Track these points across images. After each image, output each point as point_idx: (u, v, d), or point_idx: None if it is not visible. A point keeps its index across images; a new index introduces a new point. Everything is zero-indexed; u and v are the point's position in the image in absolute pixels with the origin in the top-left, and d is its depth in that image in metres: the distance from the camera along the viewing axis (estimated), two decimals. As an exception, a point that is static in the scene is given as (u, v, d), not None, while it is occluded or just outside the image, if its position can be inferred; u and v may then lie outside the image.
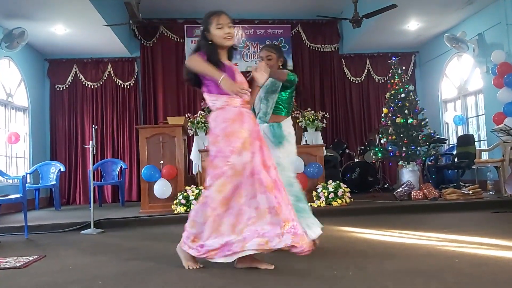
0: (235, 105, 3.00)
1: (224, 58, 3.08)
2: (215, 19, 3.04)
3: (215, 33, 3.02)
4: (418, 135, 7.29)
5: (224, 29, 3.01)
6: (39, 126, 9.25)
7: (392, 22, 8.63)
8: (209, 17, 3.08)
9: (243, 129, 2.96)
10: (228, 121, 2.96)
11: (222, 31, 3.01)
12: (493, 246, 3.39)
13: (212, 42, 3.03)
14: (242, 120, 2.98)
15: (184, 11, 9.74)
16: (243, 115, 3.01)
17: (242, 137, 2.94)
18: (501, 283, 2.39)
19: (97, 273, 3.06)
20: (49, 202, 8.98)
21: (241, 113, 3.01)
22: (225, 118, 2.97)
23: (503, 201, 6.20)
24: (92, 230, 5.21)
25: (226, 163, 2.91)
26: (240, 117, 2.99)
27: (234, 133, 2.94)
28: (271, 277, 2.73)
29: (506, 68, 7.38)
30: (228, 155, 2.91)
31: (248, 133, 2.97)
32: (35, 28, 7.75)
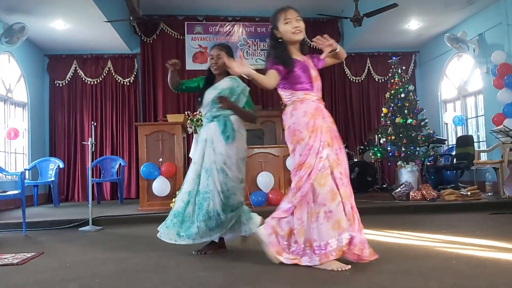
0: (312, 99, 2.98)
1: (296, 54, 3.04)
2: (282, 14, 3.01)
3: (284, 28, 3.00)
4: (417, 136, 7.29)
5: (292, 23, 2.98)
6: (38, 122, 9.24)
7: (392, 21, 8.63)
8: (276, 14, 3.06)
9: (325, 124, 2.95)
10: (308, 115, 2.92)
11: (290, 26, 2.98)
12: (491, 248, 3.40)
13: (282, 39, 3.01)
14: (323, 114, 2.97)
15: (184, 8, 9.74)
16: (321, 110, 3.00)
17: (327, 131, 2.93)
18: (499, 285, 2.39)
19: (95, 270, 3.06)
20: (47, 199, 8.98)
21: (319, 108, 2.99)
22: (305, 112, 2.92)
23: (502, 203, 6.20)
24: (91, 227, 5.21)
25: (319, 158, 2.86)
26: (318, 112, 2.96)
27: (311, 127, 2.90)
28: (269, 276, 2.73)
29: (506, 69, 7.37)
30: (320, 150, 2.87)
31: (328, 128, 2.97)
32: (35, 23, 7.74)
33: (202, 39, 9.94)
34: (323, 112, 2.99)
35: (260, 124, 8.38)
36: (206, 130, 3.52)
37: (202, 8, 9.78)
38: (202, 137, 3.53)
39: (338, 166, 2.90)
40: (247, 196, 6.58)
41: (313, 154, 2.87)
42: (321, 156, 2.86)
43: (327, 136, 2.92)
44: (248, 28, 10.10)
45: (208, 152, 3.45)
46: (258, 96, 10.06)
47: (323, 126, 2.92)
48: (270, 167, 6.77)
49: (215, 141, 3.45)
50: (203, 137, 3.52)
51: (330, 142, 2.92)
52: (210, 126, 3.51)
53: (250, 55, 10.04)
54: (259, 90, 10.06)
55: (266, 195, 6.59)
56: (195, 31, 9.93)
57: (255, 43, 10.08)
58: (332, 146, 2.93)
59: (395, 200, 6.84)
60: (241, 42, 10.02)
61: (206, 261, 3.28)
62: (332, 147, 2.93)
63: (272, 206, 6.44)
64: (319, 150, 2.87)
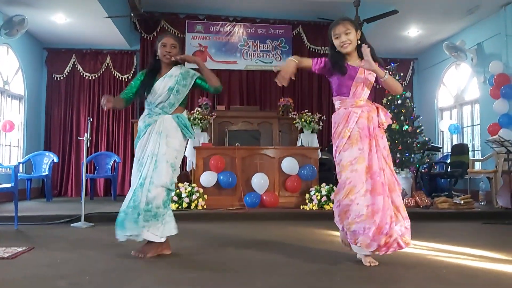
0: (345, 107, 3.27)
1: (352, 60, 3.31)
2: (332, 30, 3.30)
3: (334, 43, 3.29)
4: (412, 142, 7.31)
5: (340, 38, 3.25)
6: (35, 116, 9.21)
7: (392, 27, 8.66)
8: (330, 29, 3.33)
9: (347, 130, 3.20)
10: (335, 125, 3.29)
11: (338, 41, 3.26)
12: (483, 257, 3.41)
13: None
14: (348, 121, 3.22)
15: (186, 6, 9.73)
16: (347, 115, 3.23)
17: (346, 136, 3.19)
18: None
19: (86, 268, 3.05)
20: (40, 193, 8.95)
21: (347, 114, 3.24)
22: (334, 123, 3.31)
23: (494, 213, 6.23)
24: (82, 224, 5.20)
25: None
26: (344, 119, 3.24)
27: (338, 133, 3.25)
28: (260, 279, 2.73)
29: (503, 79, 7.40)
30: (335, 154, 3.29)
31: (357, 130, 3.19)
32: (35, 16, 7.72)
33: (202, 38, 9.94)
34: (349, 118, 3.22)
35: (257, 125, 8.39)
36: (161, 123, 3.42)
37: (203, 7, 9.78)
38: (156, 129, 3.42)
39: (350, 166, 3.15)
40: (241, 197, 6.59)
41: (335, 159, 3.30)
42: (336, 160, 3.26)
43: (344, 141, 3.19)
44: (249, 29, 10.10)
45: (158, 143, 3.38)
46: (256, 97, 10.07)
47: (343, 132, 3.21)
48: (266, 169, 6.78)
49: (170, 136, 3.41)
50: (158, 129, 3.41)
51: (354, 142, 3.18)
52: (165, 118, 3.44)
53: (250, 55, 10.04)
54: (257, 91, 10.08)
55: (260, 197, 6.59)
56: (195, 30, 9.92)
57: (255, 44, 10.08)
58: (356, 145, 3.17)
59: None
60: (241, 42, 10.02)
61: (197, 261, 3.27)
62: (355, 146, 3.17)
63: (266, 208, 6.46)
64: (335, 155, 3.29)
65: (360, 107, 3.23)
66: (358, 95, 3.25)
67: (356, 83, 3.24)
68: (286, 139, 8.55)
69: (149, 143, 3.42)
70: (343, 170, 3.15)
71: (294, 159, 6.79)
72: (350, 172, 3.12)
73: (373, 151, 3.15)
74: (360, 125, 3.19)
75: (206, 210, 6.21)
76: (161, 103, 3.48)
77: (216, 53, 9.96)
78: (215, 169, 6.61)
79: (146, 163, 3.38)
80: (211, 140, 8.24)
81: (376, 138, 3.19)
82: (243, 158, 6.79)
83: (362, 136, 3.16)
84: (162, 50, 3.49)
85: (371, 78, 3.27)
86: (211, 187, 6.59)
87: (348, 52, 3.28)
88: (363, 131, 3.17)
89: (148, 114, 3.52)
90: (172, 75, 3.50)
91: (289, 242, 4.07)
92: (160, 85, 3.48)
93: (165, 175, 3.36)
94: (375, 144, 3.17)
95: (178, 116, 3.48)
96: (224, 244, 4.04)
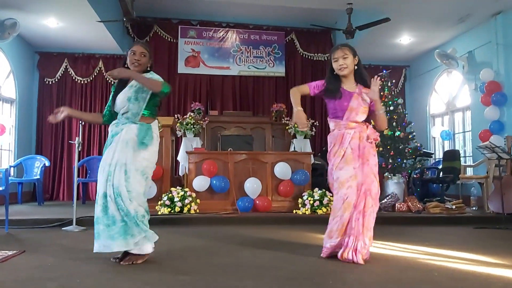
0: (339, 129, 3.51)
1: (348, 84, 3.55)
2: (332, 54, 3.56)
3: (333, 65, 3.54)
4: (404, 148, 7.35)
5: (338, 62, 3.50)
6: (26, 119, 9.16)
7: (384, 35, 8.73)
8: (330, 53, 3.61)
9: (342, 150, 3.45)
10: (331, 146, 3.54)
11: (337, 64, 3.51)
12: (473, 261, 3.43)
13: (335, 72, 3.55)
14: (342, 141, 3.47)
15: (179, 12, 9.75)
16: (341, 136, 3.48)
17: (340, 155, 3.44)
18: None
19: (76, 271, 3.03)
20: (32, 197, 8.88)
21: (340, 136, 3.49)
22: (330, 143, 3.56)
23: (486, 218, 6.27)
24: (74, 227, 5.16)
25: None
26: (339, 140, 3.48)
27: (333, 153, 3.50)
28: (250, 283, 2.73)
29: (494, 86, 7.48)
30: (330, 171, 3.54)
31: (350, 150, 3.44)
32: (27, 20, 7.70)
33: (195, 43, 9.96)
34: (343, 139, 3.46)
35: (249, 130, 8.40)
36: (126, 132, 3.37)
37: (196, 12, 9.80)
38: (122, 138, 3.37)
39: (346, 183, 3.40)
40: (234, 201, 6.58)
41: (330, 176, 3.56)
42: (332, 177, 3.51)
43: (338, 160, 3.45)
44: (242, 35, 10.14)
45: (125, 152, 3.33)
46: (249, 102, 10.09)
47: (339, 152, 3.46)
48: (258, 173, 6.78)
49: (138, 144, 3.36)
50: (124, 138, 3.36)
51: (347, 162, 3.43)
52: (131, 127, 3.39)
53: (243, 61, 10.07)
54: (250, 96, 10.10)
55: (253, 201, 6.58)
56: (188, 35, 9.94)
57: (248, 50, 10.12)
58: (349, 164, 3.42)
59: (381, 211, 6.84)
60: (234, 48, 10.05)
61: (189, 265, 3.26)
62: (349, 165, 3.42)
63: (258, 213, 6.46)
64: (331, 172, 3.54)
65: (352, 129, 3.48)
66: (352, 119, 3.50)
67: (351, 108, 3.48)
68: (279, 144, 8.57)
69: (116, 152, 3.36)
70: (341, 187, 3.40)
71: (287, 164, 6.80)
72: (346, 189, 3.38)
73: (364, 170, 3.43)
74: (353, 145, 3.45)
75: (199, 214, 6.19)
76: (124, 113, 3.44)
77: (209, 58, 9.98)
78: (207, 174, 6.60)
79: (115, 172, 3.31)
80: (204, 145, 8.24)
81: (368, 157, 3.45)
82: (235, 163, 6.79)
83: (355, 156, 3.44)
84: (131, 58, 3.45)
85: (365, 104, 3.52)
86: (203, 191, 6.58)
87: (345, 75, 3.52)
88: (355, 151, 3.44)
89: (116, 123, 3.48)
90: (132, 84, 3.43)
91: (281, 246, 4.06)
92: (121, 96, 3.44)
93: (138, 184, 3.33)
94: (366, 163, 3.44)
95: (142, 125, 3.41)
96: (216, 248, 4.03)
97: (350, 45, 3.62)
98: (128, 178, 3.30)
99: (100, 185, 3.38)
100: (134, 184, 3.31)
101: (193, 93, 9.94)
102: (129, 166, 3.32)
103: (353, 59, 3.52)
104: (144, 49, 3.50)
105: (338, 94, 3.50)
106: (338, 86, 3.53)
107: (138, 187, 3.33)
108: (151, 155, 3.45)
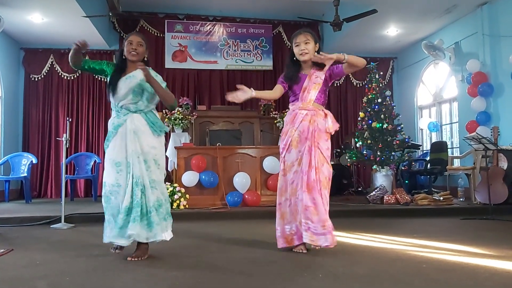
0: (293, 109, 3.59)
1: (306, 70, 3.61)
2: (293, 38, 3.60)
3: (294, 50, 3.59)
4: (392, 140, 7.38)
5: (300, 46, 3.54)
6: (12, 116, 9.06)
7: (372, 27, 8.74)
8: (291, 38, 3.65)
9: (293, 129, 3.49)
10: (286, 125, 3.60)
11: (298, 49, 3.55)
12: (460, 252, 3.47)
13: (295, 57, 3.60)
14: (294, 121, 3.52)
15: (165, 6, 9.68)
16: (294, 117, 3.54)
17: (291, 135, 3.50)
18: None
19: (66, 268, 3.01)
20: (19, 195, 8.80)
21: (293, 115, 3.55)
22: (286, 122, 3.64)
23: (473, 208, 6.34)
24: (63, 225, 5.13)
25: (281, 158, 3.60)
26: (291, 119, 3.55)
27: (285, 133, 3.56)
28: (241, 278, 2.74)
29: (481, 77, 7.54)
30: (281, 151, 3.59)
31: (298, 133, 3.49)
32: (11, 16, 7.59)
33: (182, 37, 9.90)
34: (295, 118, 3.53)
35: (238, 125, 8.39)
36: (131, 121, 3.36)
37: (183, 6, 9.73)
38: (129, 128, 3.35)
39: (292, 167, 3.49)
40: (223, 196, 6.58)
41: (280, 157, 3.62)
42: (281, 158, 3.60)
43: (289, 141, 3.52)
44: (229, 29, 10.09)
45: (137, 142, 3.33)
46: (237, 96, 10.05)
47: (290, 131, 3.53)
48: (247, 168, 6.78)
49: (145, 134, 3.37)
50: (131, 128, 3.34)
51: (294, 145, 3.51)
52: (134, 116, 3.38)
53: (230, 55, 10.04)
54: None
55: (242, 196, 6.59)
56: (175, 30, 9.88)
57: (235, 43, 10.08)
58: (296, 148, 3.50)
59: (370, 203, 6.92)
60: (221, 42, 10.01)
61: (179, 260, 3.26)
62: (295, 149, 3.50)
63: (248, 207, 6.47)
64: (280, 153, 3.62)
65: (305, 110, 3.53)
66: (305, 99, 3.55)
67: (303, 88, 3.55)
68: (268, 139, 8.57)
69: (127, 143, 3.33)
70: (288, 171, 3.51)
71: (275, 158, 6.80)
72: (293, 174, 3.48)
73: (311, 153, 3.43)
74: (301, 128, 3.50)
75: (188, 210, 6.19)
76: (124, 104, 3.41)
77: (196, 52, 9.93)
78: (196, 169, 6.59)
79: (134, 163, 3.31)
80: (192, 140, 8.21)
81: (318, 141, 3.46)
82: (224, 158, 6.79)
83: (302, 139, 3.49)
84: (128, 48, 3.46)
85: (318, 80, 3.56)
86: (192, 186, 6.57)
87: (305, 60, 3.57)
88: (303, 134, 3.49)
89: (117, 116, 3.45)
90: (136, 76, 3.41)
91: (271, 240, 4.07)
92: (122, 86, 3.40)
93: (158, 172, 3.38)
94: (313, 146, 3.45)
95: (147, 113, 3.43)
96: (206, 243, 4.04)
97: (312, 31, 3.67)
98: (149, 167, 3.34)
99: (113, 177, 3.33)
100: (155, 172, 3.36)
101: (181, 88, 9.89)
102: (146, 156, 3.35)
103: (314, 46, 3.55)
104: (141, 39, 3.52)
105: (297, 79, 3.58)
106: (297, 71, 3.60)
107: (158, 175, 3.40)
108: (161, 144, 3.49)
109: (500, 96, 7.41)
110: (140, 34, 3.60)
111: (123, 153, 3.35)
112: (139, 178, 3.30)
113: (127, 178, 3.32)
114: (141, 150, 3.34)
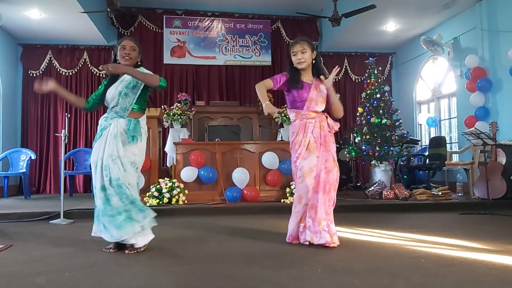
0: (300, 119, 3.66)
1: (306, 77, 3.72)
2: (291, 48, 3.73)
3: (292, 59, 3.72)
4: (391, 135, 7.39)
5: (297, 56, 3.67)
6: (11, 112, 9.04)
7: (370, 22, 8.73)
8: (289, 47, 3.77)
9: (306, 138, 3.60)
10: (294, 135, 3.68)
11: (295, 58, 3.69)
12: (459, 247, 3.47)
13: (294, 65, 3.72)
14: (305, 130, 3.62)
15: (163, 1, 9.66)
16: (304, 126, 3.63)
17: (305, 144, 3.59)
18: (464, 283, 2.45)
19: (65, 264, 3.02)
20: (18, 190, 8.80)
21: (303, 125, 3.64)
22: (293, 132, 3.69)
23: (471, 203, 6.35)
24: (62, 220, 5.14)
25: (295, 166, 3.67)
26: (301, 129, 3.63)
27: (298, 143, 3.63)
28: (240, 273, 2.74)
29: (479, 72, 7.54)
30: (294, 161, 3.67)
31: (313, 139, 3.60)
32: (9, 12, 7.57)
33: (180, 33, 9.88)
34: (306, 127, 3.62)
35: (236, 120, 8.39)
36: (115, 126, 3.42)
37: (181, 2, 9.71)
38: (111, 132, 3.41)
39: (311, 173, 3.55)
40: (222, 192, 6.59)
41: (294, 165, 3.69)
42: (296, 166, 3.64)
43: (304, 149, 3.58)
44: (227, 24, 10.08)
45: (115, 146, 3.38)
46: (235, 92, 10.07)
47: (303, 140, 3.60)
48: (246, 163, 6.78)
49: (122, 138, 3.41)
50: (113, 132, 3.40)
51: (311, 151, 3.58)
52: (119, 122, 3.44)
53: (229, 51, 10.02)
54: (236, 86, 10.08)
55: (241, 191, 6.60)
56: (173, 25, 9.86)
57: (233, 39, 10.07)
58: (313, 153, 3.58)
59: (368, 198, 6.93)
60: (220, 37, 10.00)
61: (178, 255, 3.27)
62: (313, 154, 3.57)
63: (246, 202, 6.48)
64: (294, 162, 3.68)
65: (313, 118, 3.66)
66: (311, 109, 3.67)
67: (310, 99, 3.66)
68: (266, 134, 8.58)
69: (107, 146, 3.40)
70: (306, 177, 3.54)
71: (274, 153, 6.81)
72: (312, 179, 3.53)
73: (326, 157, 3.59)
74: (315, 134, 3.62)
75: (187, 205, 6.19)
76: (114, 107, 3.48)
77: (194, 48, 9.92)
78: (195, 164, 6.59)
79: (111, 166, 3.36)
80: (191, 135, 8.21)
81: (328, 144, 3.63)
82: (223, 153, 6.79)
83: (317, 145, 3.61)
84: (121, 52, 3.50)
85: (323, 95, 3.72)
86: (191, 182, 6.57)
87: (303, 68, 3.69)
88: (317, 140, 3.61)
89: (105, 118, 3.53)
90: (123, 79, 3.49)
91: (269, 235, 4.09)
92: (111, 90, 3.49)
93: (131, 177, 3.43)
94: (326, 150, 3.61)
95: (130, 120, 3.45)
96: (205, 238, 4.04)
97: (309, 39, 3.79)
98: (125, 170, 3.39)
99: (96, 179, 3.43)
100: (129, 176, 3.41)
101: (180, 83, 9.89)
102: (122, 159, 3.39)
103: (311, 54, 3.69)
104: (134, 43, 3.56)
105: (300, 85, 3.67)
106: (299, 77, 3.71)
107: (132, 179, 3.44)
108: (140, 150, 3.52)
109: (499, 91, 7.41)
110: (132, 39, 3.65)
111: (100, 154, 3.41)
112: (117, 179, 3.34)
113: (101, 179, 3.38)
114: (119, 153, 3.38)
